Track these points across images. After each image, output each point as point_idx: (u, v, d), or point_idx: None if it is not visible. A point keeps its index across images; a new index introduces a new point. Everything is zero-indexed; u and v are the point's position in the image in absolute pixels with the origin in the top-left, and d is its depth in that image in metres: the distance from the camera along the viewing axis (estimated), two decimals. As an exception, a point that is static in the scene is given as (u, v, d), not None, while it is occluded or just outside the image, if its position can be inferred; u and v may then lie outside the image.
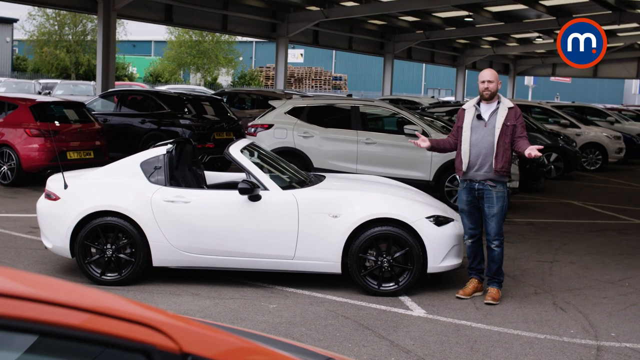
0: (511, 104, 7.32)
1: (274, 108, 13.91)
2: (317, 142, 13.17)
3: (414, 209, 7.40)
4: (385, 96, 33.44)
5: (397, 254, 7.22)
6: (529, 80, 61.47)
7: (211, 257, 7.30)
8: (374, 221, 7.21)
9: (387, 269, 7.24)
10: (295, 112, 13.56)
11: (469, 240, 7.44)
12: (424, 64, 66.56)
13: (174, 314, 1.94)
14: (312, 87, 62.57)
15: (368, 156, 12.98)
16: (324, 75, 64.94)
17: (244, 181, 7.20)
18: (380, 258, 7.21)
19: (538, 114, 22.21)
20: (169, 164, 7.62)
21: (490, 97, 7.30)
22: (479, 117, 7.31)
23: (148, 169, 7.55)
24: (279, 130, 13.35)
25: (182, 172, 8.09)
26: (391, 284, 7.30)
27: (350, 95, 25.66)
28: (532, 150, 7.00)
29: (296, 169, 8.47)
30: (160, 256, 7.32)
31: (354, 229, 7.18)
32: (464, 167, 7.32)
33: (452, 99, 49.28)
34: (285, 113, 13.57)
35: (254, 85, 59.89)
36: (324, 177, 8.38)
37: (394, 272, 7.28)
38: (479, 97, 7.44)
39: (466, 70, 47.21)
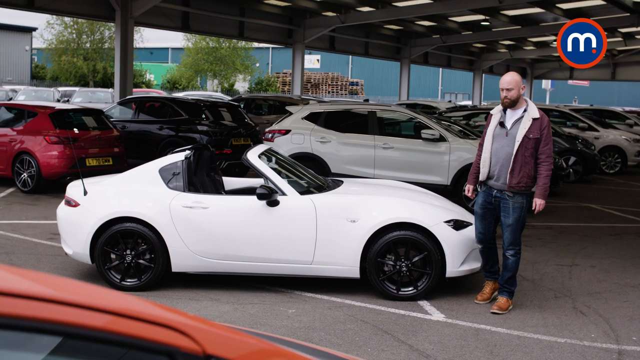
0: (537, 114, 6.89)
1: (291, 114, 13.95)
2: (334, 147, 13.20)
3: (432, 213, 7.38)
4: (402, 101, 33.41)
5: (416, 259, 7.21)
6: (546, 83, 61.14)
7: (230, 262, 7.32)
8: (392, 226, 7.20)
9: (406, 273, 7.23)
10: (312, 117, 13.59)
11: (479, 246, 7.26)
12: (440, 69, 66.40)
13: (195, 316, 1.96)
14: (329, 92, 62.61)
15: (385, 161, 12.97)
16: (341, 81, 64.96)
17: (262, 186, 7.22)
18: (398, 262, 7.20)
19: (556, 118, 22.10)
20: (187, 170, 7.66)
21: (510, 105, 6.96)
22: (502, 124, 7.01)
23: (166, 175, 7.59)
24: (296, 135, 13.38)
25: (201, 178, 8.14)
26: (410, 289, 7.28)
27: (367, 101, 25.65)
28: (537, 204, 6.90)
29: (314, 174, 8.48)
30: (179, 262, 7.35)
31: (372, 233, 7.17)
32: (483, 177, 7.11)
33: (469, 103, 49.16)
34: (302, 118, 13.60)
35: (271, 91, 60.01)
36: (342, 182, 8.38)
37: (413, 276, 7.26)
38: None
39: (483, 75, 47.08)
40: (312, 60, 73.22)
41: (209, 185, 8.25)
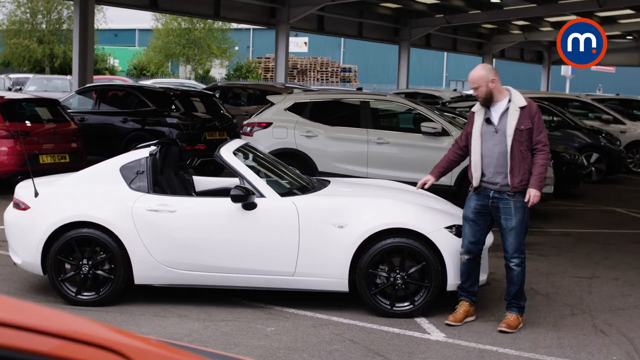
0: (523, 102, 6.93)
1: (272, 104, 13.95)
2: (321, 143, 13.20)
3: (432, 218, 7.40)
4: (401, 89, 33.47)
5: (412, 270, 7.22)
6: (566, 70, 61.18)
7: (200, 273, 7.32)
8: (385, 232, 7.20)
9: (401, 286, 7.24)
10: (296, 108, 13.59)
11: (465, 256, 7.13)
12: (445, 53, 66.51)
13: (132, 333, 1.96)
14: (318, 79, 62.66)
15: (380, 158, 12.99)
16: (332, 67, 65.04)
17: (237, 187, 7.22)
18: (392, 274, 7.21)
19: (577, 109, 22.20)
20: (153, 168, 7.65)
21: (486, 101, 7.00)
22: (488, 120, 7.04)
23: (129, 174, 7.58)
24: (279, 129, 13.38)
25: (168, 178, 8.13)
26: (406, 304, 7.29)
27: (360, 89, 25.69)
28: (531, 195, 6.84)
29: (297, 174, 8.50)
30: (143, 273, 7.34)
31: (362, 240, 7.18)
32: (476, 182, 7.09)
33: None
34: (285, 110, 13.60)
35: (252, 78, 60.00)
36: (329, 182, 8.40)
37: (409, 290, 7.27)
38: None
39: (494, 59, 47.19)
40: (298, 43, 73.25)
41: (178, 185, 8.25)
